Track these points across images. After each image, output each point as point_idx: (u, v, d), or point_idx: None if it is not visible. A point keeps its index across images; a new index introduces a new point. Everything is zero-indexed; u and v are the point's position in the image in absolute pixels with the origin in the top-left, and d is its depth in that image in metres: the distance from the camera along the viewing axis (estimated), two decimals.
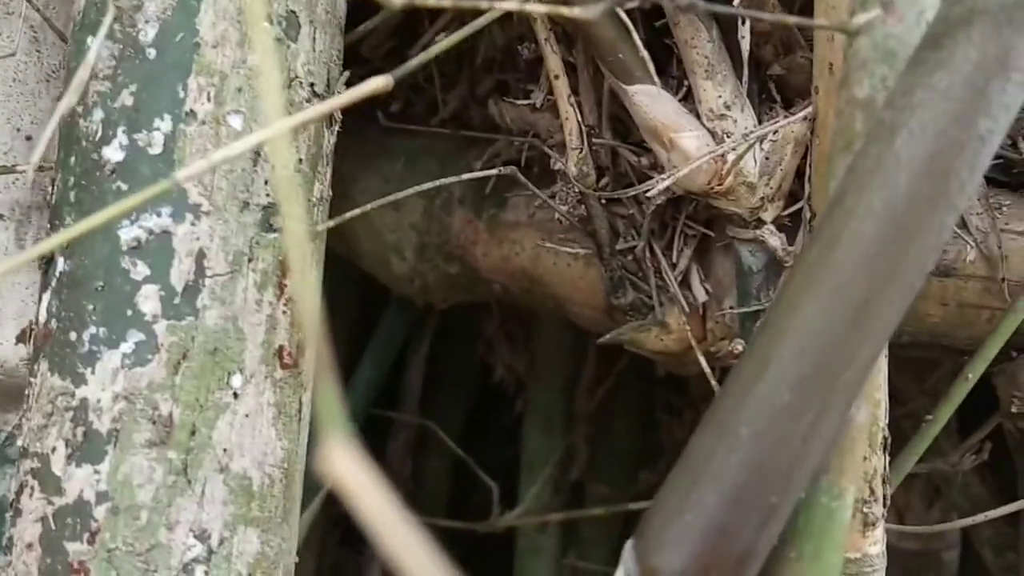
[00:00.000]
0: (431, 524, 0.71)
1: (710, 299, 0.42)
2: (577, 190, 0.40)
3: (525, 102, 0.42)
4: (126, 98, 0.29)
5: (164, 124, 0.29)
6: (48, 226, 0.31)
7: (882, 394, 0.32)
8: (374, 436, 0.80)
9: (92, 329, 0.29)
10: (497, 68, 0.50)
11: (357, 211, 0.33)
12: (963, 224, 0.38)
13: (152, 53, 0.29)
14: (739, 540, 0.23)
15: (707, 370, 0.41)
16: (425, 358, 0.79)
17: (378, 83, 0.26)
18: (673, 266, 0.41)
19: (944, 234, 0.22)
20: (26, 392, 0.30)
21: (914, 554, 0.57)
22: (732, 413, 0.23)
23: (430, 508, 0.77)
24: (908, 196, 0.22)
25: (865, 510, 0.32)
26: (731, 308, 0.41)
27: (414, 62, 0.30)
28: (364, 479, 0.12)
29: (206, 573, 0.29)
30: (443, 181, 0.37)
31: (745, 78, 0.36)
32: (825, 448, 0.24)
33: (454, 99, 0.51)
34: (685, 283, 0.42)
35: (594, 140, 0.39)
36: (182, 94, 0.29)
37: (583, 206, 0.41)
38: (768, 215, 0.38)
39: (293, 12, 0.31)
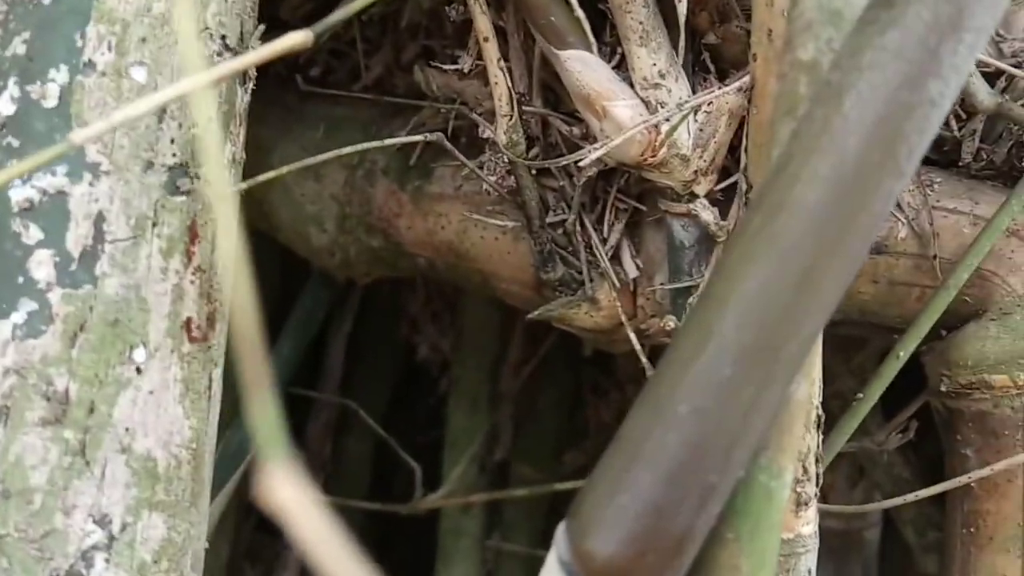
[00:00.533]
0: (352, 507, 0.69)
1: (641, 275, 0.41)
2: (506, 160, 0.39)
3: (453, 67, 0.40)
4: (18, 46, 0.27)
5: (60, 75, 0.27)
6: None
7: (817, 371, 0.31)
8: (293, 416, 0.77)
9: None
10: (423, 33, 0.48)
11: (272, 173, 0.31)
12: (895, 201, 0.38)
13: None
14: (677, 521, 0.22)
15: (637, 347, 0.39)
16: (347, 336, 0.77)
17: (297, 38, 0.24)
18: (604, 240, 0.40)
19: (891, 202, 0.22)
20: None
21: (836, 533, 0.57)
22: (670, 389, 0.22)
23: (351, 490, 0.75)
24: (856, 161, 0.21)
25: (798, 490, 0.32)
26: (662, 284, 0.40)
27: (335, 17, 0.28)
28: (307, 509, 0.10)
29: (107, 560, 0.27)
30: (366, 146, 0.35)
31: (681, 46, 0.35)
32: (765, 425, 0.23)
33: (377, 65, 0.49)
34: (616, 258, 0.41)
35: (524, 108, 0.38)
36: (80, 43, 0.27)
37: (512, 177, 0.39)
38: (701, 189, 0.37)
39: None
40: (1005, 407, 0.36)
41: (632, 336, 0.40)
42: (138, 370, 0.27)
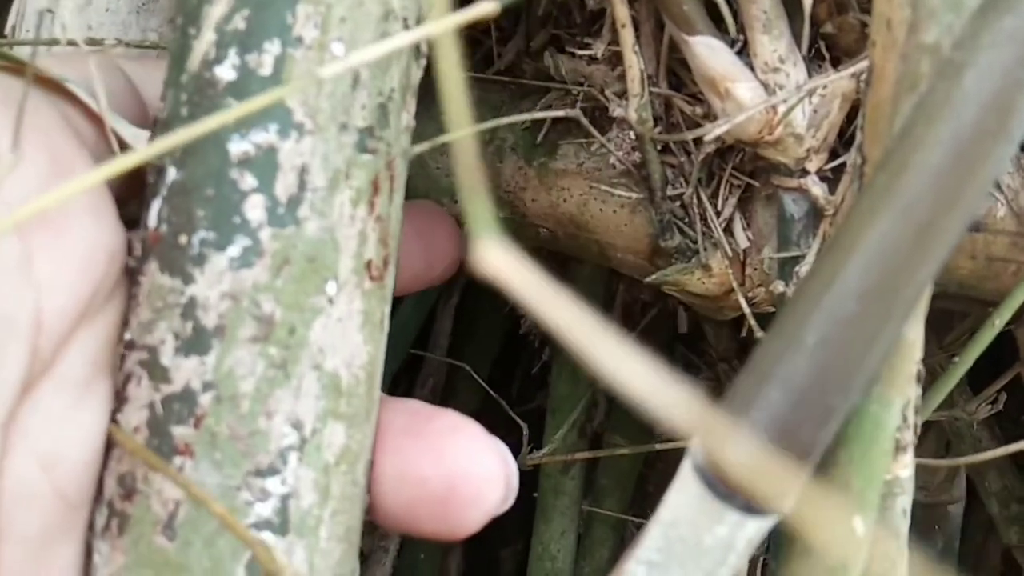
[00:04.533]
0: None
1: (751, 246, 0.45)
2: (632, 137, 0.43)
3: (585, 52, 0.44)
4: (239, 22, 0.32)
5: (273, 47, 0.32)
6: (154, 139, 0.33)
7: (920, 331, 0.34)
8: (405, 383, 0.82)
9: (202, 233, 0.31)
10: (552, 23, 0.52)
11: (435, 141, 0.35)
12: (995, 182, 0.41)
13: None
14: (800, 437, 0.26)
15: (747, 310, 0.43)
16: (455, 308, 0.82)
17: (484, 8, 0.28)
18: (718, 213, 0.44)
19: (1001, 166, 0.25)
20: (132, 290, 0.33)
21: (921, 507, 0.60)
22: (800, 321, 0.26)
23: None
24: (973, 128, 0.24)
25: (897, 435, 0.35)
26: (771, 255, 0.44)
27: None
28: (519, 269, 0.14)
29: (299, 459, 0.31)
30: (531, 116, 0.40)
31: (805, 34, 0.39)
32: (881, 359, 0.26)
33: (509, 52, 0.53)
34: (728, 230, 0.44)
35: (652, 89, 0.42)
36: (291, 20, 0.32)
37: (636, 153, 0.43)
38: (812, 165, 0.40)
39: None
40: None
41: (742, 301, 0.43)
42: (329, 300, 0.32)
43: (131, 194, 0.34)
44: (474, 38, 0.54)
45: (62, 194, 0.25)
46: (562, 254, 0.74)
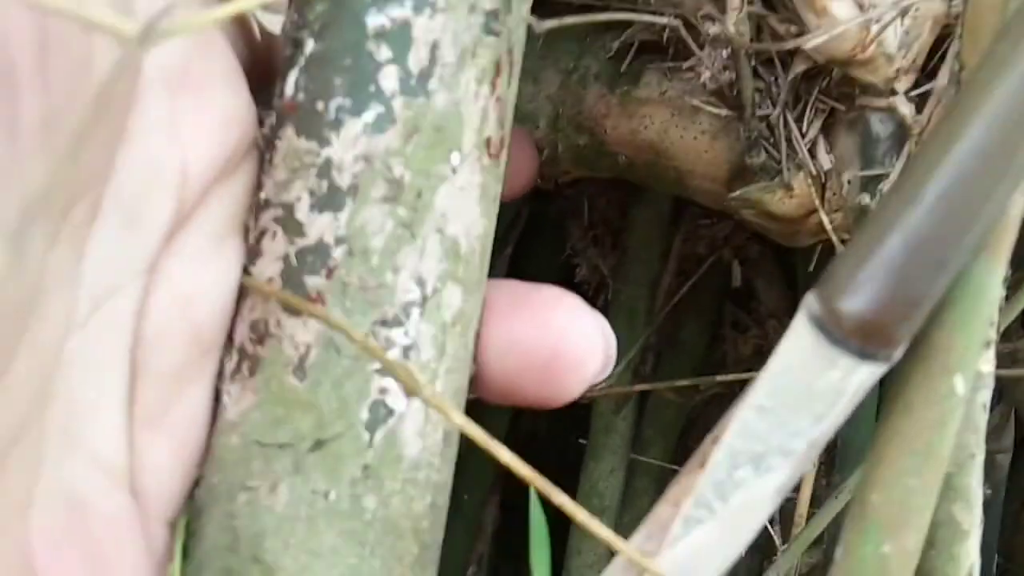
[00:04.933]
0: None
1: (831, 169, 0.46)
2: (725, 55, 0.44)
3: None
4: None
5: None
6: (292, 15, 0.35)
7: (1012, 232, 0.36)
8: None
9: (338, 100, 0.33)
10: None
11: (570, 19, 0.37)
12: None
13: None
14: (917, 286, 0.27)
15: (828, 227, 0.45)
16: (509, 258, 0.84)
17: None
18: (803, 135, 0.46)
19: None
20: (267, 155, 0.35)
21: None
22: (922, 177, 0.27)
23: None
24: None
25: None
26: (851, 178, 0.46)
27: None
28: None
29: (420, 315, 0.33)
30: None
31: None
32: (992, 220, 0.28)
33: None
34: (811, 152, 0.46)
35: (749, 7, 0.44)
36: None
37: (727, 72, 0.45)
38: (901, 86, 0.42)
39: None
40: None
41: (825, 220, 0.45)
42: (453, 170, 0.34)
43: (258, 78, 0.36)
44: None
45: (219, 15, 0.27)
46: (622, 202, 0.76)
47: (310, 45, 0.34)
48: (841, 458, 0.60)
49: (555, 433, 0.83)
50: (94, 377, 0.29)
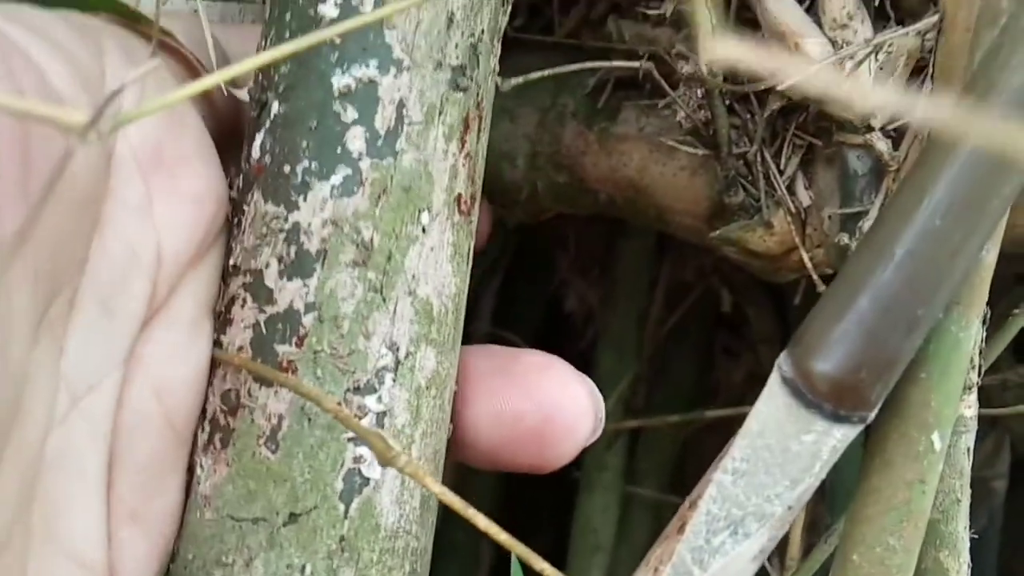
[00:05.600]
0: None
1: (811, 205, 0.46)
2: (700, 94, 0.44)
3: (654, 12, 0.46)
4: None
5: None
6: (258, 76, 0.35)
7: (988, 273, 0.36)
8: None
9: (305, 163, 0.33)
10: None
11: (535, 74, 0.36)
12: None
13: None
14: (888, 346, 0.27)
15: (809, 265, 0.44)
16: (497, 290, 0.83)
17: None
18: (781, 172, 0.45)
19: None
20: (235, 219, 0.34)
21: None
22: (890, 235, 0.27)
23: None
24: None
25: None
26: (831, 215, 0.45)
27: None
28: (746, 49, 0.15)
29: (394, 380, 0.33)
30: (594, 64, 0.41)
31: None
32: (963, 274, 0.28)
33: (571, 20, 0.55)
34: (790, 188, 0.46)
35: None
36: None
37: (703, 111, 0.45)
38: (877, 122, 0.42)
39: None
40: None
41: (806, 258, 0.45)
42: (423, 230, 0.33)
43: (225, 144, 0.35)
44: (535, 7, 0.56)
45: (182, 95, 0.27)
46: (609, 232, 0.75)
47: (276, 107, 0.34)
48: (831, 499, 0.59)
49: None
50: (73, 474, 0.29)
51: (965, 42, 0.32)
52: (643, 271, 0.74)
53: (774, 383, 0.28)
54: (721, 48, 0.15)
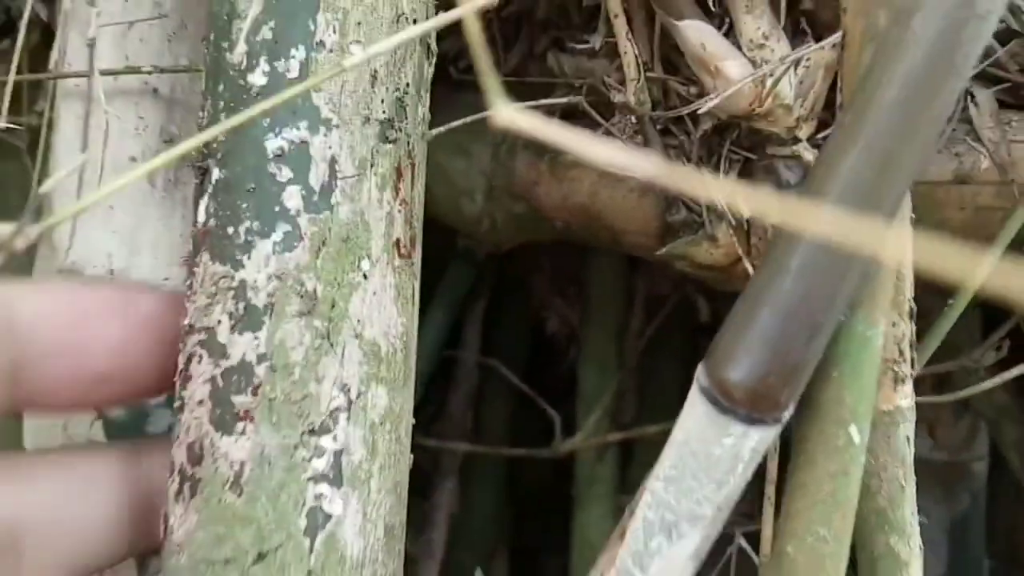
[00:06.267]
0: (495, 457, 0.77)
1: (753, 217, 0.48)
2: (634, 121, 0.46)
3: (584, 45, 0.48)
4: (266, 33, 0.36)
5: (299, 53, 0.35)
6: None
7: (908, 270, 0.37)
8: (439, 388, 0.86)
9: (247, 223, 0.35)
10: (552, 27, 0.56)
11: (455, 123, 0.38)
12: (977, 138, 0.44)
13: None
14: (792, 353, 0.29)
15: (752, 273, 0.46)
16: (482, 315, 0.85)
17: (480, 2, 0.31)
18: None
19: (953, 97, 0.28)
20: (187, 281, 0.36)
21: (945, 465, 0.62)
22: (784, 251, 0.29)
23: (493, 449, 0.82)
24: (924, 65, 0.27)
25: (895, 369, 0.38)
26: (772, 226, 0.47)
27: None
28: (529, 120, 0.17)
29: (347, 419, 0.35)
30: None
31: (782, 12, 0.42)
32: (860, 278, 0.29)
33: (514, 56, 0.57)
34: (730, 203, 0.47)
35: (648, 75, 0.45)
36: (312, 27, 0.35)
37: (639, 136, 0.47)
38: (803, 133, 0.43)
39: None
40: None
41: (749, 268, 0.46)
42: (364, 276, 0.35)
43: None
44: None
45: (110, 189, 0.29)
46: (581, 251, 0.77)
47: (216, 173, 0.36)
48: None
49: (553, 484, 0.84)
50: None
51: (857, 61, 0.33)
52: (618, 286, 0.76)
53: (694, 394, 0.30)
54: (507, 117, 0.16)
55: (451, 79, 0.57)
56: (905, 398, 0.38)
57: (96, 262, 0.48)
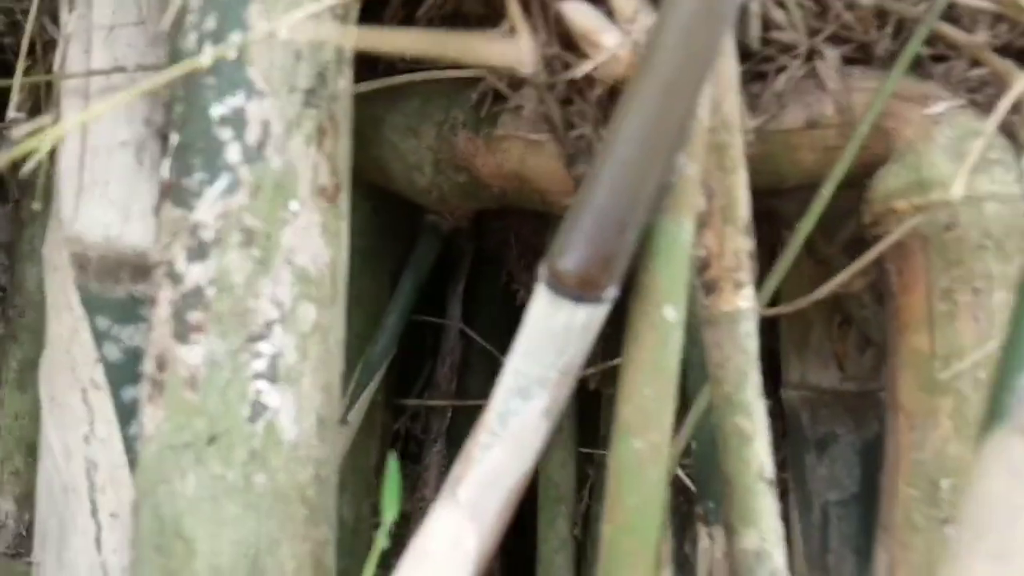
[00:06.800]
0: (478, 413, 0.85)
1: None
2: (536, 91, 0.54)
3: (496, 31, 0.56)
4: (211, 23, 0.44)
5: (236, 38, 0.44)
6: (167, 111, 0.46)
7: (743, 192, 0.45)
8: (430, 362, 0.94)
9: (198, 175, 0.44)
10: (486, 21, 0.64)
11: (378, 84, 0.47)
12: (823, 87, 0.51)
13: None
14: (605, 245, 0.37)
15: None
16: (463, 291, 0.94)
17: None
18: None
19: (721, 37, 0.36)
20: (156, 227, 0.45)
21: (854, 395, 0.69)
22: (600, 164, 0.37)
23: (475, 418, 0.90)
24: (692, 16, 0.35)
25: (735, 276, 0.45)
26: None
27: None
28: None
29: (282, 329, 0.43)
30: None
31: None
32: (658, 183, 0.37)
33: None
34: None
35: (546, 51, 0.54)
36: (246, 16, 0.44)
37: (542, 106, 0.55)
38: None
39: None
40: (907, 225, 0.48)
41: None
42: (294, 215, 0.44)
43: None
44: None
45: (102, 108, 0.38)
46: (544, 225, 0.85)
47: (175, 138, 0.45)
48: None
49: None
50: None
51: None
52: None
53: (540, 283, 0.38)
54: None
55: (396, 69, 0.65)
56: (745, 300, 0.46)
57: (96, 232, 0.57)
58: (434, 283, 0.93)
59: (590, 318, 0.38)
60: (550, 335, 0.38)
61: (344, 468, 0.80)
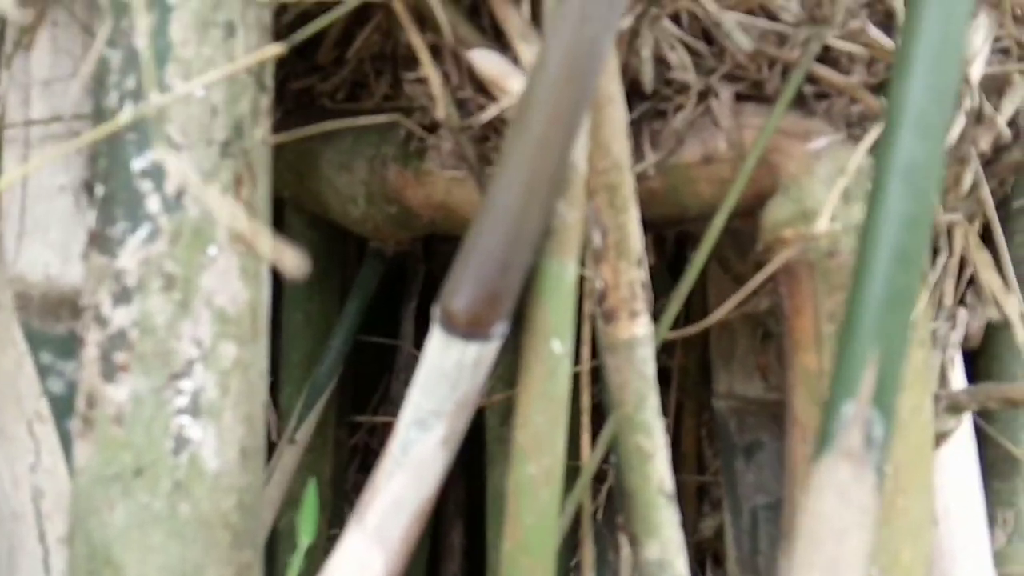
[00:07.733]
0: None
1: None
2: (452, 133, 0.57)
3: (412, 75, 0.59)
4: (130, 83, 0.47)
5: (155, 97, 0.47)
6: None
7: (634, 228, 0.48)
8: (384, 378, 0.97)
9: (121, 225, 0.47)
10: (412, 63, 0.67)
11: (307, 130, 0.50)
12: (717, 124, 0.55)
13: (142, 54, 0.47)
14: (493, 285, 0.40)
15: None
16: (415, 310, 0.97)
17: (272, 49, 0.43)
18: None
19: (586, 95, 0.39)
20: (85, 274, 0.48)
21: (778, 404, 0.72)
22: (485, 211, 0.40)
23: None
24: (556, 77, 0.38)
25: (630, 306, 0.49)
26: None
27: (300, 36, 0.48)
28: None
29: (203, 366, 0.46)
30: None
31: None
32: (540, 227, 0.40)
33: (382, 87, 0.68)
34: None
35: (458, 94, 0.57)
36: (164, 76, 0.47)
37: (457, 144, 0.58)
38: None
39: (231, 21, 0.48)
40: (796, 252, 0.52)
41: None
42: (212, 259, 0.47)
43: None
44: (358, 82, 0.70)
45: (37, 163, 0.41)
46: None
47: (100, 190, 0.48)
48: None
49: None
50: None
51: None
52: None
53: (433, 323, 0.41)
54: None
55: (327, 109, 0.68)
56: (641, 328, 0.49)
57: (37, 271, 0.59)
58: (388, 303, 0.97)
59: (480, 354, 0.41)
60: (443, 372, 0.41)
61: (295, 484, 0.83)
